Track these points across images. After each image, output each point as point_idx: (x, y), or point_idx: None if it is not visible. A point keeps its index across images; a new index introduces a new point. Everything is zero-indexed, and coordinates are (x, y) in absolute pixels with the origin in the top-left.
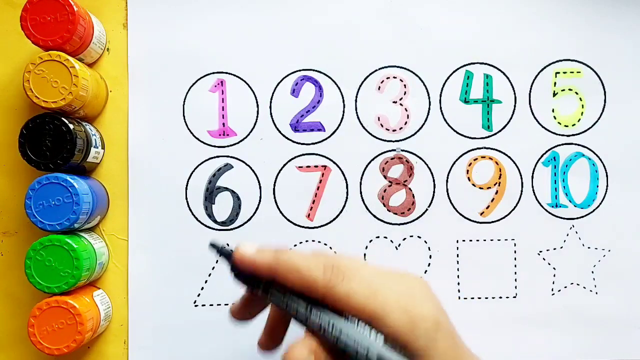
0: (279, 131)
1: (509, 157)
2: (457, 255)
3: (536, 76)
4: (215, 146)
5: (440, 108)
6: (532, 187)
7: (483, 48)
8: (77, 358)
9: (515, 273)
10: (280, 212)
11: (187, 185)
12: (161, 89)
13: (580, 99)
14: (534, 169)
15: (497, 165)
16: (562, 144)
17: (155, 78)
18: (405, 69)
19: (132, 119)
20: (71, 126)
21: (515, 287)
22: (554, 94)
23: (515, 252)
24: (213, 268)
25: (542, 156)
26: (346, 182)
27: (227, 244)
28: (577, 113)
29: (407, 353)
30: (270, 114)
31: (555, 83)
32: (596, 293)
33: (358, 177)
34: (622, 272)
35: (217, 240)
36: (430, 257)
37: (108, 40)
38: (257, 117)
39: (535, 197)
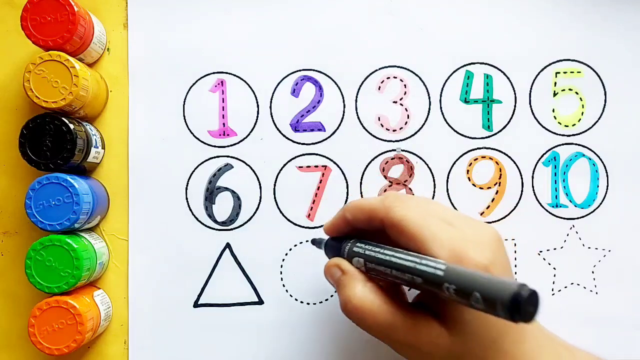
0: (279, 131)
1: (509, 157)
2: None
3: (536, 76)
4: (215, 146)
5: (441, 108)
6: (533, 187)
7: (483, 48)
8: (77, 358)
9: (516, 273)
10: (281, 212)
11: (187, 185)
12: (161, 89)
13: (581, 99)
14: (534, 169)
15: (498, 165)
16: (563, 144)
17: (155, 78)
18: (405, 69)
19: (132, 119)
20: (71, 126)
21: None
22: (554, 94)
23: (515, 252)
24: (213, 268)
25: (542, 156)
26: (346, 182)
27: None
28: (577, 113)
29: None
30: (271, 114)
31: (555, 83)
32: (596, 293)
33: (358, 177)
34: (622, 272)
35: (317, 237)
36: None
37: (108, 40)
38: (257, 117)
39: (536, 197)
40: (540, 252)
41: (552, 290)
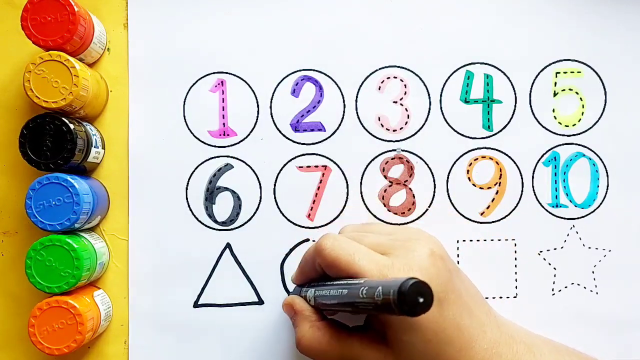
0: (279, 131)
1: (510, 157)
2: (457, 255)
3: (536, 76)
4: (215, 146)
5: (441, 108)
6: (533, 187)
7: (483, 48)
8: (77, 358)
9: (516, 273)
10: (281, 212)
11: (187, 185)
12: (161, 88)
13: (581, 99)
14: (534, 169)
15: (498, 165)
16: (563, 144)
17: (155, 78)
18: (405, 69)
19: (132, 119)
20: (71, 126)
21: (516, 287)
22: (555, 94)
23: (515, 252)
24: (213, 268)
25: (542, 156)
26: (346, 182)
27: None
28: (577, 113)
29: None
30: (271, 114)
31: (555, 83)
32: (596, 293)
33: (358, 177)
34: (622, 272)
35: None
36: None
37: (108, 40)
38: (257, 117)
39: (536, 197)
40: (541, 252)
41: (552, 290)
